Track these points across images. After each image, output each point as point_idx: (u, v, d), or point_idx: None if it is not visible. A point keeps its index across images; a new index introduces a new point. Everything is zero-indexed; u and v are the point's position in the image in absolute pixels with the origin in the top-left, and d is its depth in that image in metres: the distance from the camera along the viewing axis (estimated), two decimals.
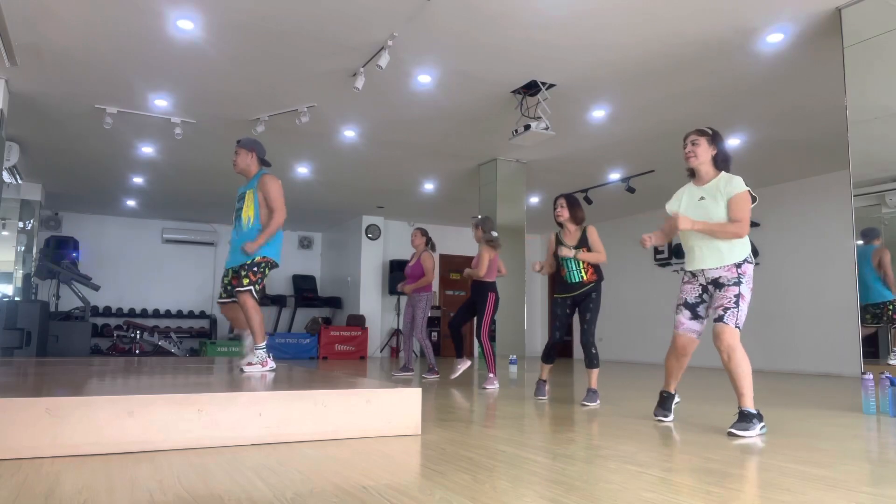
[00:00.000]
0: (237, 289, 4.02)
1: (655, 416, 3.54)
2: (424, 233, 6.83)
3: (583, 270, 4.42)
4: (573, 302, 4.47)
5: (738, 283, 3.18)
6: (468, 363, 6.08)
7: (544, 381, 4.72)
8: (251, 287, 3.98)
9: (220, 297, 4.25)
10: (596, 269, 4.44)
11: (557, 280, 4.60)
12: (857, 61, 4.34)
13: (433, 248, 6.83)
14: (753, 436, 3.03)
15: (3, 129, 6.02)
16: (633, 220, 11.59)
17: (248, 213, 4.13)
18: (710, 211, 3.26)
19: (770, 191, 9.28)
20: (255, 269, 4.01)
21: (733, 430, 3.04)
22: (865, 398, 3.99)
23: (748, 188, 3.22)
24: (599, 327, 12.24)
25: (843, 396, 5.16)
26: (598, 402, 4.30)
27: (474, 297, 5.86)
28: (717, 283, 3.25)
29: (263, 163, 4.31)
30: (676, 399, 3.68)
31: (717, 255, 3.23)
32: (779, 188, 9.17)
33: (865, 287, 4.32)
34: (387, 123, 6.99)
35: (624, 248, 11.62)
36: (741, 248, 3.22)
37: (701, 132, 3.38)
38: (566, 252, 4.35)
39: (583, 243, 4.40)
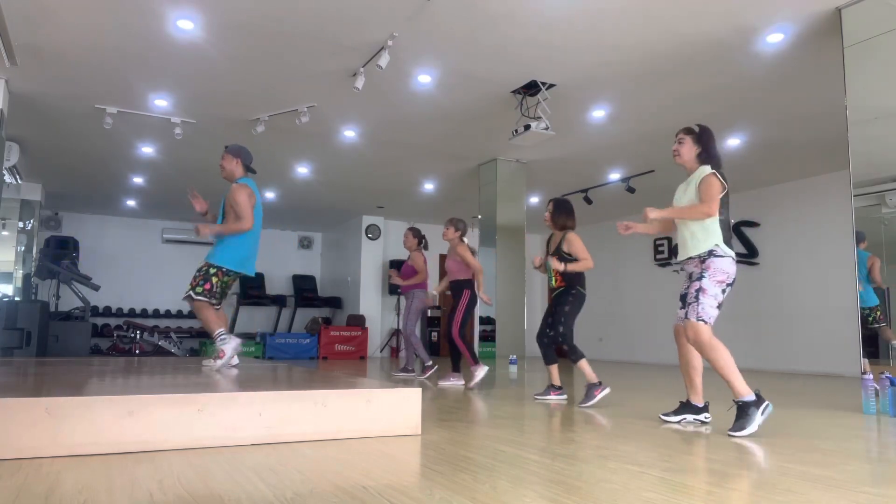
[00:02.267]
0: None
1: (663, 417, 3.57)
2: (416, 233, 6.77)
3: (553, 278, 4.54)
4: (555, 304, 4.55)
5: (700, 278, 3.24)
6: (461, 382, 5.69)
7: (553, 386, 4.61)
8: (191, 291, 4.14)
9: None
10: (564, 277, 4.47)
11: None
12: (857, 61, 4.33)
13: (426, 246, 6.80)
14: (754, 429, 3.03)
15: (3, 129, 6.02)
16: (634, 220, 11.56)
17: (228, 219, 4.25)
18: (684, 203, 3.37)
19: (770, 191, 9.29)
20: (198, 272, 4.18)
21: (730, 433, 3.06)
22: (865, 398, 3.99)
23: (714, 171, 3.29)
24: (599, 327, 12.27)
25: (843, 396, 5.16)
26: (598, 394, 4.22)
27: (454, 296, 5.80)
28: (691, 279, 3.34)
29: (249, 170, 4.40)
30: (705, 416, 3.49)
31: (685, 248, 3.34)
32: (779, 188, 9.17)
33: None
34: (387, 123, 6.99)
35: (624, 248, 11.62)
36: (705, 241, 3.26)
37: (688, 130, 3.47)
38: (554, 263, 4.42)
39: (557, 250, 4.49)
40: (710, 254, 3.24)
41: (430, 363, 6.59)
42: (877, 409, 3.95)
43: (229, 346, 4.19)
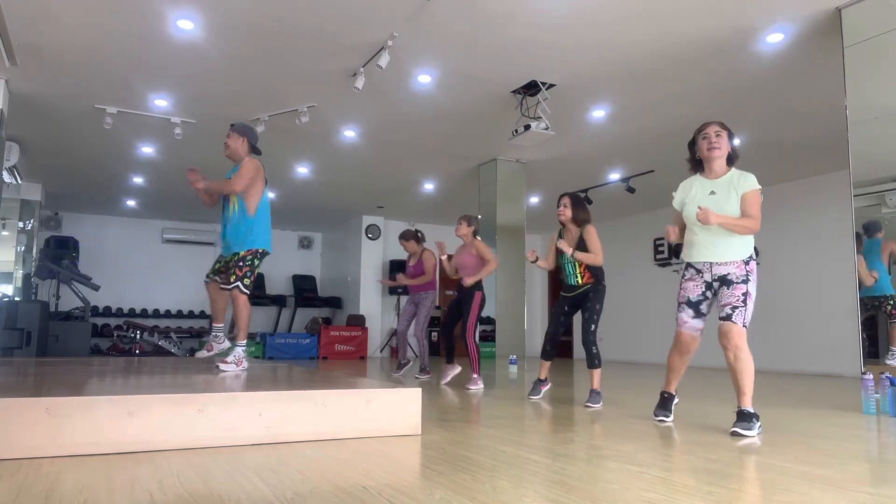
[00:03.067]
0: (228, 285, 4.01)
1: (656, 416, 3.55)
2: (411, 234, 6.63)
3: (579, 275, 4.40)
4: (572, 302, 4.47)
5: (746, 282, 3.21)
6: (458, 368, 6.02)
7: (541, 380, 4.65)
8: (238, 283, 3.96)
9: (207, 276, 4.20)
10: (592, 272, 4.38)
11: (560, 280, 4.60)
12: (857, 61, 4.33)
13: (423, 238, 6.73)
14: (754, 435, 3.04)
15: (3, 129, 6.02)
16: (634, 220, 11.59)
17: (233, 200, 4.08)
18: (721, 206, 3.28)
19: (770, 191, 9.27)
20: (242, 263, 3.97)
21: (737, 429, 3.04)
22: (865, 398, 3.99)
23: (758, 185, 3.29)
24: (599, 327, 12.21)
25: (843, 396, 5.16)
26: (601, 403, 4.28)
27: (461, 296, 5.75)
28: (726, 280, 3.27)
29: (254, 150, 4.26)
30: (676, 400, 3.66)
31: (730, 250, 3.25)
32: (779, 188, 9.17)
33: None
34: (387, 123, 6.99)
35: (624, 248, 11.62)
36: (748, 244, 3.28)
37: (724, 126, 3.40)
38: (563, 245, 4.31)
39: (581, 246, 4.36)
40: (751, 257, 3.26)
41: (428, 372, 6.56)
42: (877, 409, 3.95)
43: (242, 354, 4.12)
